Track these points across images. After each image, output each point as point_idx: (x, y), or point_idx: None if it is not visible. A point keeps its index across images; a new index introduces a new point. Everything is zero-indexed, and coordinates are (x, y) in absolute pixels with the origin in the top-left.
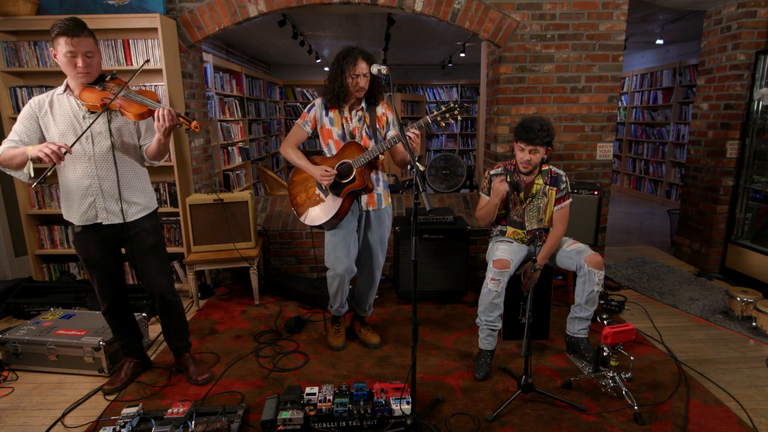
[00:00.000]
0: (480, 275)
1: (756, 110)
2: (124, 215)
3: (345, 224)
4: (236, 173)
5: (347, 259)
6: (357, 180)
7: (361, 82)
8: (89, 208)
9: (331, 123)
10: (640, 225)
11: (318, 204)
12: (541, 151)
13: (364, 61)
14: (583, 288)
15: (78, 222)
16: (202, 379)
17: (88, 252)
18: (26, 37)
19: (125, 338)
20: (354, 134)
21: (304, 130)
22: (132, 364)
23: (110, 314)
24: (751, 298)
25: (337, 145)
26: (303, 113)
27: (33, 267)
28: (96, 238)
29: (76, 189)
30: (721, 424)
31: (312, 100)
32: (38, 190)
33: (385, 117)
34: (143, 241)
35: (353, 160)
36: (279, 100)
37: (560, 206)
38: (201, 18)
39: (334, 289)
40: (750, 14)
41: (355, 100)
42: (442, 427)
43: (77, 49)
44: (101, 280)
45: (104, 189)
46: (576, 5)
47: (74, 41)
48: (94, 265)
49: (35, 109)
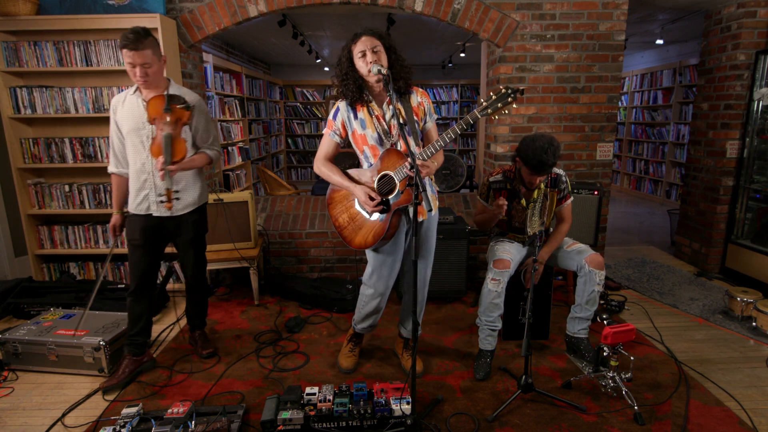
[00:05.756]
0: (480, 275)
1: (756, 110)
2: (171, 210)
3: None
4: (236, 173)
5: (390, 279)
6: (404, 194)
7: (370, 57)
8: (143, 200)
9: (362, 126)
10: (640, 225)
11: (363, 226)
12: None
13: (369, 36)
14: (583, 288)
15: (133, 210)
16: (206, 353)
17: (134, 234)
18: (26, 37)
19: (135, 328)
20: (390, 132)
21: (334, 140)
22: (131, 361)
23: (132, 297)
24: (751, 298)
25: (374, 152)
26: (328, 121)
27: (33, 267)
28: (143, 224)
29: (135, 181)
30: (721, 424)
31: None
32: (38, 190)
33: (422, 107)
34: (185, 234)
35: (394, 172)
36: (279, 100)
37: (562, 206)
38: (201, 18)
39: (370, 309)
40: (750, 14)
41: (381, 91)
42: (442, 427)
43: (135, 61)
44: (137, 261)
45: (158, 184)
46: (576, 5)
47: (133, 54)
48: (136, 245)
49: (112, 114)
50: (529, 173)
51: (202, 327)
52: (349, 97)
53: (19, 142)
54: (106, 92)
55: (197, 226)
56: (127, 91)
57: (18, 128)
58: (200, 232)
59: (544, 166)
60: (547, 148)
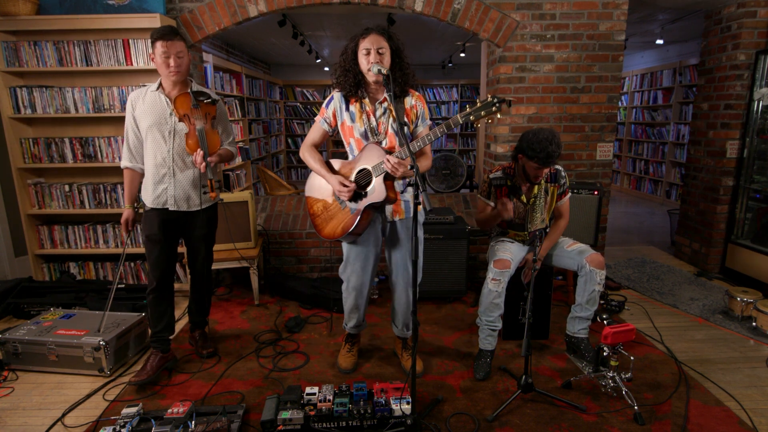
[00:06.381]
0: (480, 275)
1: (756, 110)
2: (188, 205)
3: (365, 235)
4: (236, 173)
5: (363, 274)
6: (377, 191)
7: (373, 57)
8: (162, 193)
9: (352, 119)
10: (640, 225)
11: (335, 216)
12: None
13: (379, 36)
14: (584, 287)
15: (150, 204)
16: (206, 352)
17: (152, 230)
18: (26, 37)
19: (160, 325)
20: (378, 130)
21: (323, 128)
22: (158, 357)
23: (155, 294)
24: (751, 298)
25: (359, 145)
26: (321, 108)
27: (33, 267)
28: (160, 219)
29: (154, 175)
30: (721, 424)
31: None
32: (38, 190)
33: (415, 110)
34: (198, 229)
35: (372, 167)
36: (279, 100)
37: (561, 201)
38: (201, 18)
39: (349, 305)
40: (750, 14)
41: (377, 89)
42: (442, 427)
43: (170, 51)
44: (157, 258)
45: (177, 179)
46: (576, 5)
47: (168, 44)
48: (155, 241)
49: (130, 110)
50: (536, 167)
51: (203, 326)
52: (345, 89)
53: (19, 142)
54: (106, 92)
55: (210, 223)
56: (147, 88)
57: (18, 128)
58: (212, 228)
59: (552, 156)
60: (551, 139)
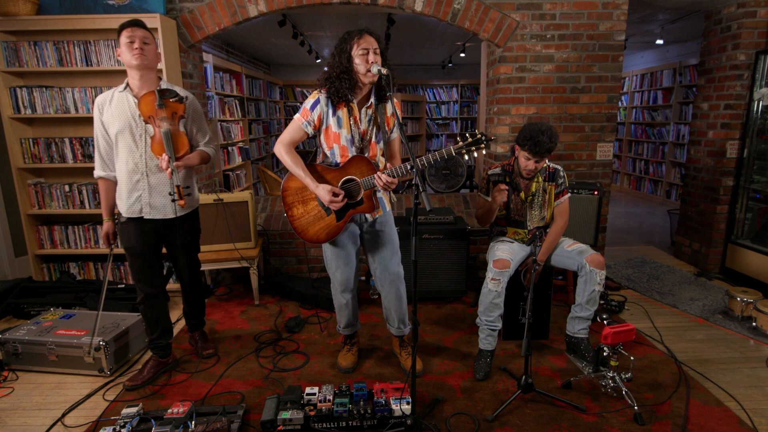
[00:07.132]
0: (480, 275)
1: (756, 110)
2: (164, 212)
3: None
4: (236, 173)
5: (348, 270)
6: (365, 203)
7: (372, 57)
8: (136, 201)
9: (338, 125)
10: (640, 225)
11: (318, 221)
12: (545, 159)
13: (372, 36)
14: (584, 287)
15: (125, 213)
16: (206, 353)
17: (130, 242)
18: (26, 37)
19: (155, 332)
20: (363, 137)
21: (305, 130)
22: (156, 363)
23: (145, 305)
24: (751, 298)
25: (343, 152)
26: (303, 109)
27: (33, 267)
28: (138, 229)
29: (127, 182)
30: (721, 424)
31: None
32: (38, 190)
33: (394, 118)
34: (179, 239)
35: (362, 180)
36: (279, 100)
37: (559, 201)
38: (201, 18)
39: (339, 303)
40: (750, 14)
41: (364, 96)
42: (442, 427)
43: (135, 35)
44: (140, 269)
45: (151, 185)
46: (576, 5)
47: (132, 29)
48: (135, 254)
49: (97, 114)
50: (526, 157)
51: (200, 327)
52: (339, 93)
53: (19, 142)
54: None
55: (192, 231)
56: (114, 90)
57: (18, 128)
58: (195, 236)
59: (540, 145)
60: (545, 130)
